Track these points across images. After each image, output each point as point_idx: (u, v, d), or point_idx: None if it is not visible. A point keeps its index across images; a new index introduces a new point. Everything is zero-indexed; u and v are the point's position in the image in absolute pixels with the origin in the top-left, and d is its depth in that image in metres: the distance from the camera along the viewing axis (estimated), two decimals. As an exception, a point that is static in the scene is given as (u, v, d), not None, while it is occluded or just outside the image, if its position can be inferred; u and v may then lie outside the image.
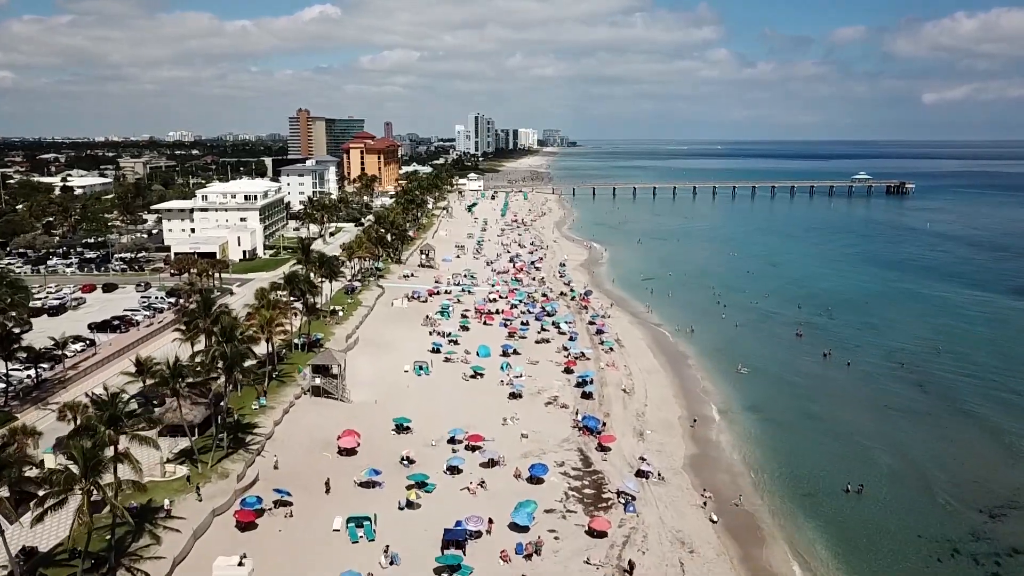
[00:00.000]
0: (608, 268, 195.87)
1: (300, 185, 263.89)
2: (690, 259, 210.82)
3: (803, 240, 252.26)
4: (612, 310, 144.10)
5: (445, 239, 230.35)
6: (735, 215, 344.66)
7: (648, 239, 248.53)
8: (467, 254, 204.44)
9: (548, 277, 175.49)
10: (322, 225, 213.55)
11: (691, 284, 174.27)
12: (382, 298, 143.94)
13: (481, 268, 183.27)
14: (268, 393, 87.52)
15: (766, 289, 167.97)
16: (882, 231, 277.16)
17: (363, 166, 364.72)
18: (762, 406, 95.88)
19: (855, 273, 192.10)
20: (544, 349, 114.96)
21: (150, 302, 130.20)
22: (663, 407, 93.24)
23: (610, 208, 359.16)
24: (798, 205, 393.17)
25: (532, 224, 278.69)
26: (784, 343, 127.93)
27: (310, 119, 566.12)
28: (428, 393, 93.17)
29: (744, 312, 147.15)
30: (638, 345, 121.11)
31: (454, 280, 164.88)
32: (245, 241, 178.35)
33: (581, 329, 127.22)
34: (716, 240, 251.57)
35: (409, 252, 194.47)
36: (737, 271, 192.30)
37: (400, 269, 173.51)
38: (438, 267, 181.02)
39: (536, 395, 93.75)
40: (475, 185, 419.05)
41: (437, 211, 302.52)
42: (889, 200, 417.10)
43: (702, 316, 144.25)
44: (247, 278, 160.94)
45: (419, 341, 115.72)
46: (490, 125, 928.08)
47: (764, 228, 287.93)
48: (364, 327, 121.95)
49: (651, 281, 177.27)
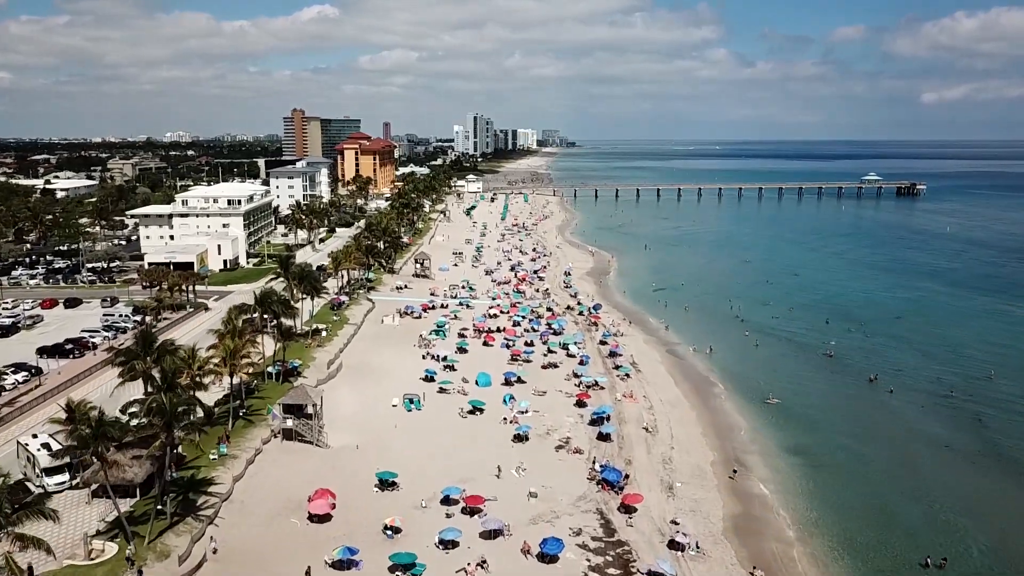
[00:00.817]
0: (616, 277, 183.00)
1: (290, 188, 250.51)
2: (703, 267, 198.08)
3: (820, 245, 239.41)
4: (625, 326, 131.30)
5: (442, 245, 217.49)
6: (744, 218, 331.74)
7: (656, 244, 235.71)
8: (465, 262, 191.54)
9: (553, 288, 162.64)
10: (311, 231, 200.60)
11: (707, 295, 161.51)
12: (372, 314, 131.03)
13: (480, 278, 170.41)
14: (232, 435, 74.68)
15: (788, 301, 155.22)
16: (901, 235, 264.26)
17: (358, 167, 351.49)
18: (806, 447, 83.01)
19: (882, 282, 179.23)
20: (552, 376, 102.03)
21: (112, 321, 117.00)
22: (692, 450, 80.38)
23: (613, 210, 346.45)
24: (807, 207, 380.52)
25: (534, 228, 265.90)
26: (815, 365, 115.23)
27: (305, 119, 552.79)
28: (419, 434, 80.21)
29: (767, 328, 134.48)
30: (656, 370, 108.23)
31: (451, 292, 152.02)
32: (226, 249, 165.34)
33: (592, 351, 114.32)
34: (728, 245, 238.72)
35: (403, 261, 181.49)
36: (755, 280, 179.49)
37: (393, 280, 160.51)
38: (434, 277, 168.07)
39: (545, 436, 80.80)
40: (474, 187, 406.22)
41: (434, 214, 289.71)
42: (899, 202, 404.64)
43: (721, 333, 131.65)
44: (226, 291, 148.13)
45: (411, 366, 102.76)
46: (489, 125, 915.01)
47: (776, 232, 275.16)
48: (349, 350, 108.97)
49: (663, 292, 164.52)
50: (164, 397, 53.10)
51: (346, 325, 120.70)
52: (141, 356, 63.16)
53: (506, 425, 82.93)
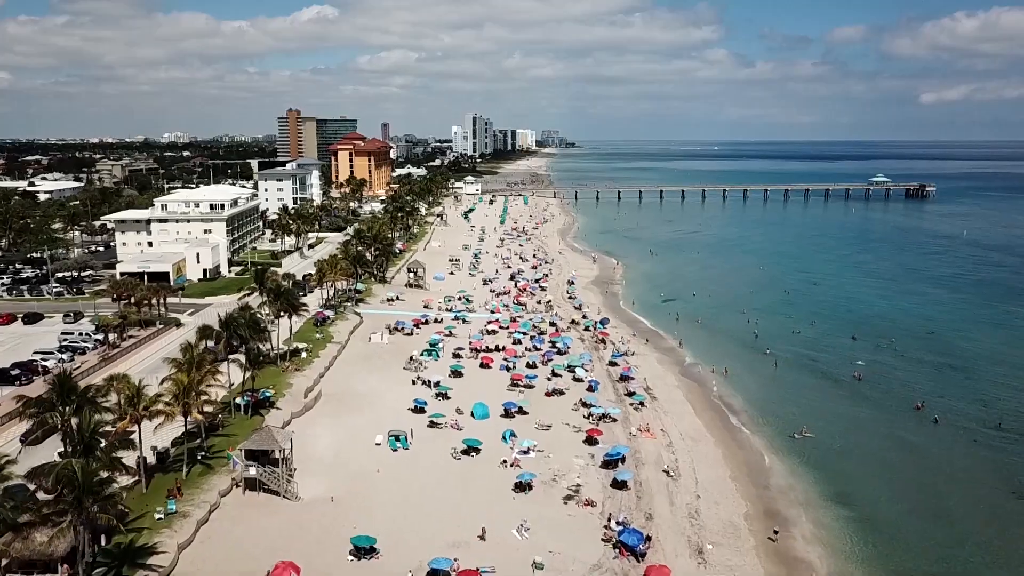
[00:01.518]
0: (623, 287, 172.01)
1: (279, 191, 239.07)
2: (714, 275, 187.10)
3: (834, 251, 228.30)
4: (635, 343, 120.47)
5: (438, 252, 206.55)
6: (751, 221, 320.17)
7: (662, 250, 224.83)
8: (462, 270, 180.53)
9: (556, 299, 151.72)
10: (299, 237, 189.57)
11: (720, 307, 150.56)
12: (359, 331, 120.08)
13: (478, 288, 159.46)
14: (187, 485, 63.77)
15: (809, 313, 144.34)
16: (917, 240, 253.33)
17: (352, 169, 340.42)
18: (854, 496, 72.02)
19: (906, 292, 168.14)
20: (557, 405, 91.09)
21: (71, 340, 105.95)
22: (722, 499, 69.42)
23: (615, 213, 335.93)
24: (814, 209, 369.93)
25: (534, 233, 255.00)
26: (845, 389, 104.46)
27: (300, 119, 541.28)
28: (405, 482, 69.24)
29: (787, 345, 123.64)
30: (672, 396, 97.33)
31: (446, 305, 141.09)
32: (205, 258, 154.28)
33: (601, 373, 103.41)
34: (738, 251, 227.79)
35: (396, 269, 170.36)
36: (770, 290, 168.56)
37: (384, 291, 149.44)
38: (428, 287, 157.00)
39: (551, 484, 69.81)
40: (472, 189, 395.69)
41: (431, 218, 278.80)
42: (909, 204, 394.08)
43: (738, 350, 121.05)
44: (203, 303, 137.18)
45: (399, 394, 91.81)
46: (488, 126, 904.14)
47: (786, 235, 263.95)
48: (331, 374, 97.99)
49: (673, 303, 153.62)
50: (76, 464, 42.11)
51: (329, 344, 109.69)
52: (57, 407, 52.10)
53: (506, 469, 71.96)
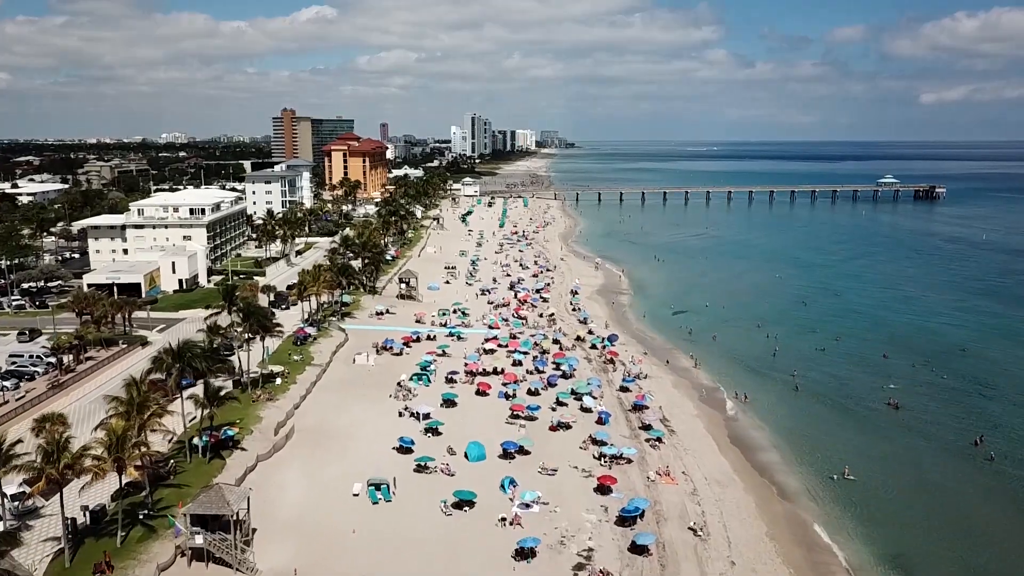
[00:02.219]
0: (630, 297, 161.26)
1: (267, 194, 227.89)
2: (726, 283, 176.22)
3: (850, 256, 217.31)
4: (647, 364, 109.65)
5: (433, 258, 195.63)
6: (759, 223, 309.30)
7: (669, 255, 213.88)
8: (459, 278, 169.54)
9: (559, 311, 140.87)
10: (286, 242, 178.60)
11: (736, 320, 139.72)
12: (343, 350, 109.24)
13: (475, 299, 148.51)
14: (122, 555, 52.97)
15: (832, 327, 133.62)
16: (934, 244, 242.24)
17: (346, 170, 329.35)
18: (915, 560, 61.16)
19: (933, 303, 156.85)
20: (564, 441, 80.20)
21: (19, 364, 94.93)
22: (760, 564, 58.56)
23: (618, 215, 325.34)
24: (822, 211, 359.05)
25: (535, 237, 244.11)
26: (883, 419, 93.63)
27: (295, 119, 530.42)
28: (385, 547, 58.31)
29: (814, 365, 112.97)
30: (692, 429, 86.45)
31: (440, 319, 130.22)
32: (181, 267, 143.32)
33: (611, 402, 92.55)
34: (749, 256, 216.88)
35: (388, 278, 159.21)
36: (788, 300, 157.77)
37: (373, 303, 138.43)
38: (421, 299, 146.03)
39: (559, 549, 58.87)
40: (470, 190, 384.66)
41: (427, 221, 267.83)
42: (918, 206, 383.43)
43: (761, 372, 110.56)
44: (176, 318, 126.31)
45: (383, 429, 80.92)
46: (487, 126, 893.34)
47: (798, 239, 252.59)
48: (308, 404, 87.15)
49: (685, 316, 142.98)
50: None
51: (308, 367, 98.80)
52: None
53: (505, 529, 61.09)
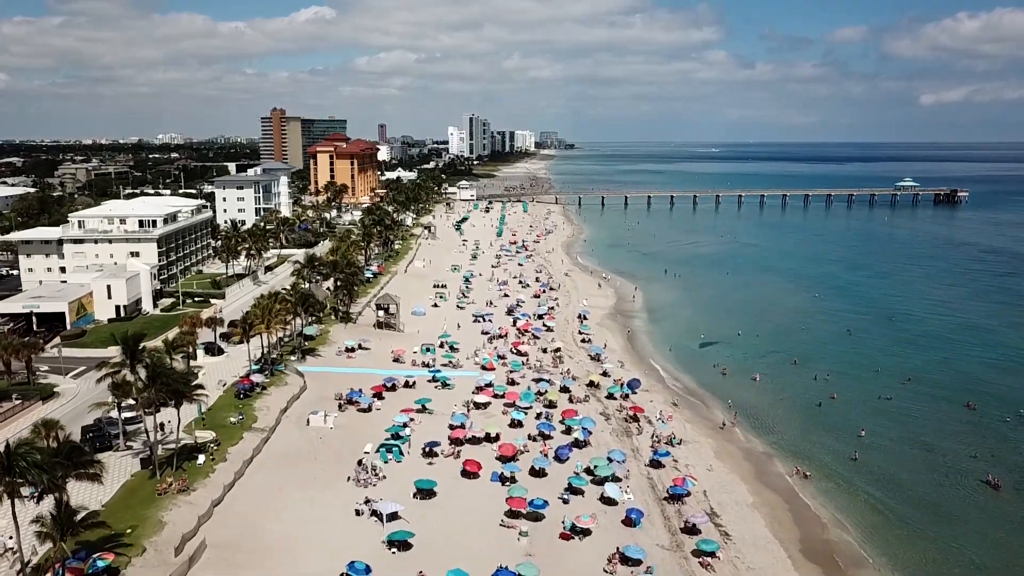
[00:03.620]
0: (648, 322, 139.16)
1: (239, 201, 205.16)
2: (756, 304, 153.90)
3: (889, 271, 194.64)
4: (679, 419, 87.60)
5: (422, 274, 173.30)
6: (777, 231, 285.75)
7: (685, 269, 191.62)
8: (449, 299, 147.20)
9: (566, 341, 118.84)
10: (252, 258, 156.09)
11: (775, 355, 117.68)
12: (298, 404, 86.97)
13: (467, 328, 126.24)
14: None
15: (891, 365, 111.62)
16: (975, 256, 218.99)
17: (332, 173, 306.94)
18: None
19: (1007, 335, 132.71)
20: (581, 558, 57.90)
21: None
22: None
23: (623, 221, 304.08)
24: (840, 217, 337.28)
25: (535, 248, 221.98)
26: (982, 503, 71.80)
27: (284, 119, 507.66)
28: None
29: (883, 421, 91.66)
30: (754, 531, 64.14)
31: (423, 355, 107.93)
32: (119, 291, 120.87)
33: (640, 485, 70.24)
34: (775, 269, 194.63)
35: (368, 300, 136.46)
36: (830, 328, 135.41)
37: (345, 335, 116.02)
38: (403, 327, 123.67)
39: None
40: (467, 194, 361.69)
41: (418, 229, 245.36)
42: (939, 211, 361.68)
43: (818, 429, 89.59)
44: (102, 356, 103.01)
45: (331, 540, 58.57)
46: (485, 127, 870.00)
47: (825, 250, 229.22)
48: (234, 498, 64.71)
49: (715, 348, 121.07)
50: None
51: (247, 433, 76.41)
52: None
53: None
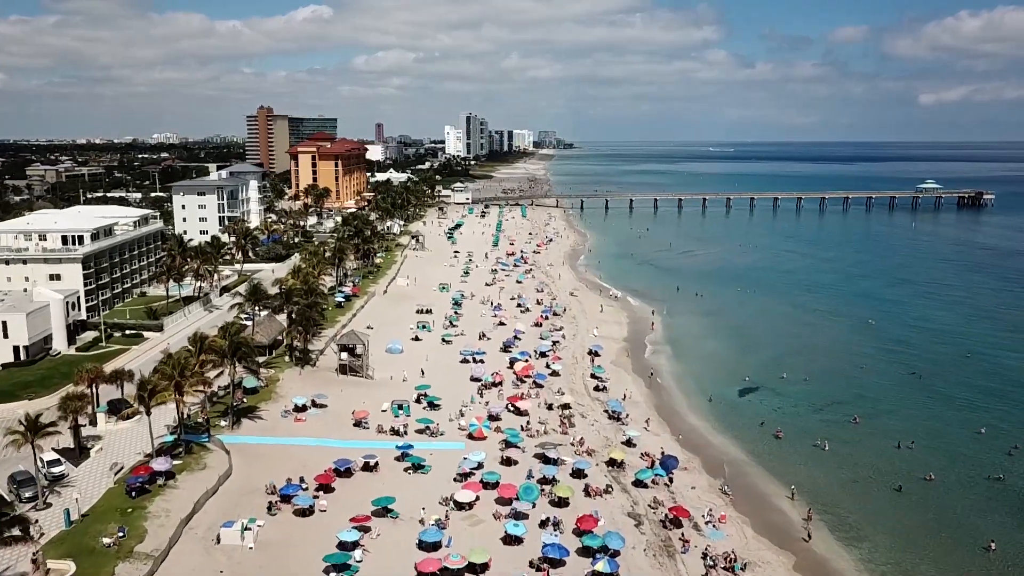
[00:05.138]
0: (673, 359, 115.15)
1: (200, 208, 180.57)
2: (795, 334, 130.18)
3: (942, 288, 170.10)
4: (735, 523, 63.89)
5: (404, 294, 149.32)
6: (799, 238, 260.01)
7: (706, 286, 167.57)
8: (433, 330, 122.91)
9: (577, 395, 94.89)
10: (203, 279, 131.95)
11: (836, 408, 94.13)
12: (212, 502, 63.05)
13: (453, 372, 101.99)
14: None
15: (994, 430, 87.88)
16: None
17: (315, 175, 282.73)
18: None
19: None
20: None
21: None
22: None
23: (629, 226, 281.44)
24: (861, 221, 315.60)
25: (536, 259, 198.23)
26: None
27: (271, 118, 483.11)
28: None
29: (1001, 517, 67.90)
30: None
31: (393, 416, 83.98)
32: (17, 328, 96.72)
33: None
34: (808, 287, 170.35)
35: (330, 338, 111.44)
36: (893, 367, 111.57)
37: (298, 385, 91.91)
38: (372, 374, 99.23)
39: None
40: (461, 197, 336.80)
41: (406, 238, 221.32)
42: (965, 215, 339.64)
43: (919, 533, 66.20)
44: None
45: None
46: (483, 126, 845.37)
47: (859, 262, 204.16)
48: None
49: (758, 396, 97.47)
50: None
51: (124, 564, 52.48)
52: None
53: None
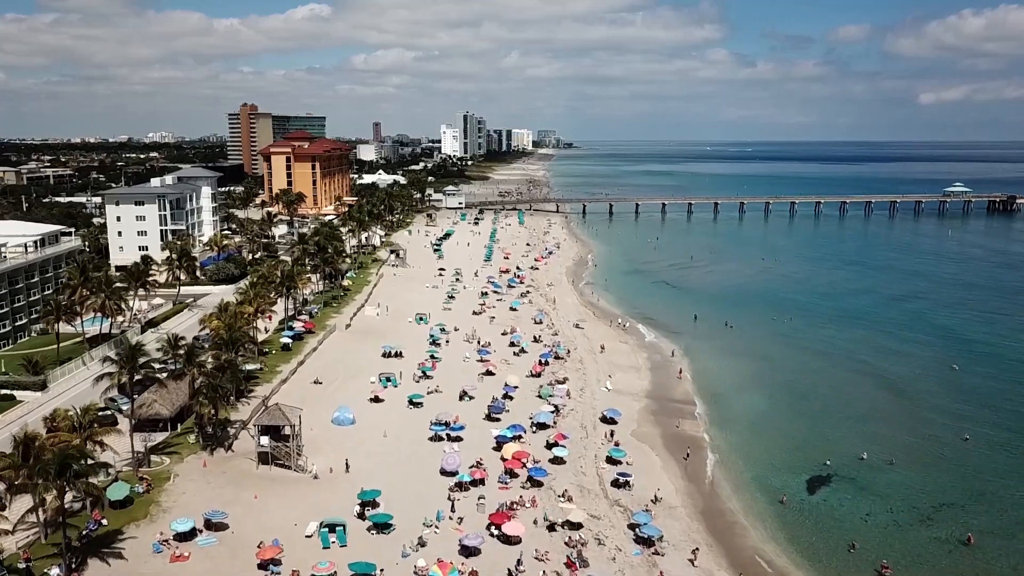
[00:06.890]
0: (713, 433, 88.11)
1: (139, 220, 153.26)
2: (858, 383, 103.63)
3: (1011, 312, 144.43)
4: None
5: (372, 328, 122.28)
6: (827, 251, 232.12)
7: (734, 313, 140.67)
8: (401, 385, 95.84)
9: (590, 498, 68.22)
10: (115, 315, 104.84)
11: (942, 512, 67.84)
12: None
13: (417, 460, 75.11)
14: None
15: None
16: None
17: (290, 179, 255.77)
18: None
19: None
20: None
21: None
22: None
23: (637, 235, 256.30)
24: (883, 227, 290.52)
25: (535, 277, 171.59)
26: None
27: (253, 116, 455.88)
28: None
29: None
30: None
31: (322, 547, 57.10)
32: None
33: None
34: (854, 315, 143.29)
35: (253, 413, 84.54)
36: (1006, 440, 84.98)
37: (198, 483, 64.88)
38: (308, 467, 71.91)
39: None
40: (453, 202, 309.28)
41: (384, 252, 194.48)
42: (997, 221, 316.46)
43: None
44: None
45: None
46: (481, 125, 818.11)
47: (902, 281, 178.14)
48: None
49: (833, 493, 70.98)
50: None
51: None
52: None
53: None
